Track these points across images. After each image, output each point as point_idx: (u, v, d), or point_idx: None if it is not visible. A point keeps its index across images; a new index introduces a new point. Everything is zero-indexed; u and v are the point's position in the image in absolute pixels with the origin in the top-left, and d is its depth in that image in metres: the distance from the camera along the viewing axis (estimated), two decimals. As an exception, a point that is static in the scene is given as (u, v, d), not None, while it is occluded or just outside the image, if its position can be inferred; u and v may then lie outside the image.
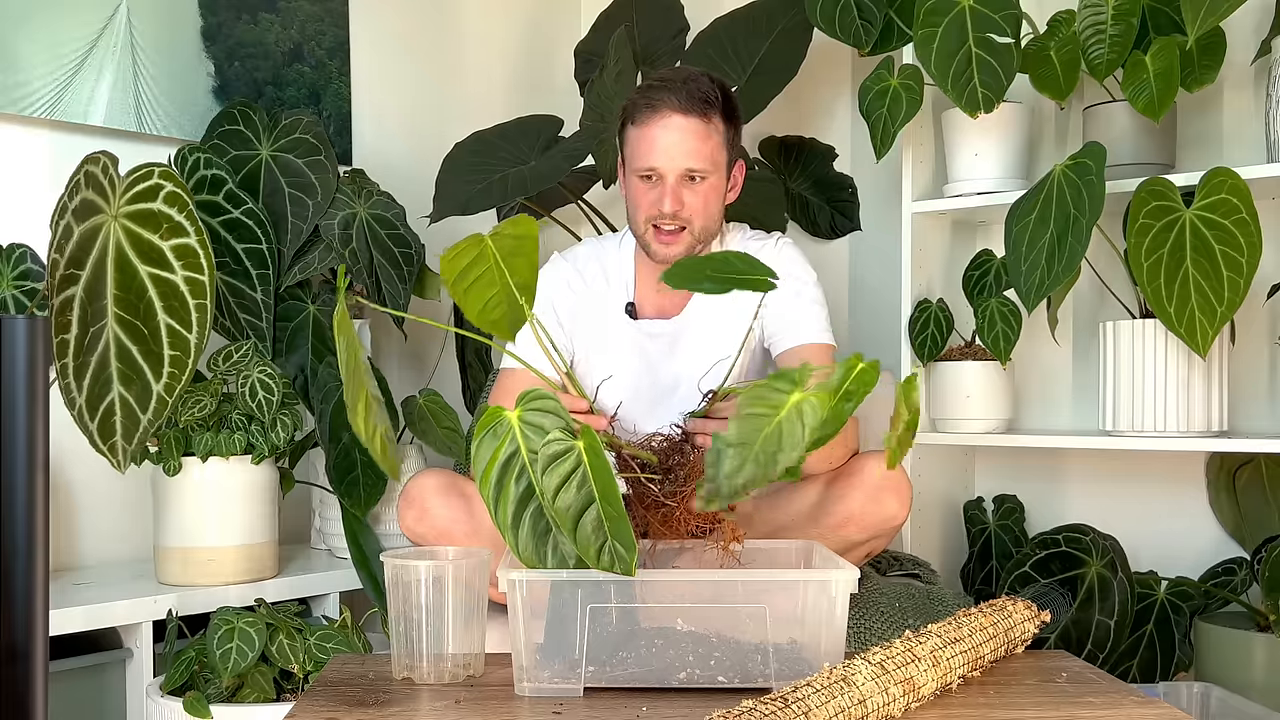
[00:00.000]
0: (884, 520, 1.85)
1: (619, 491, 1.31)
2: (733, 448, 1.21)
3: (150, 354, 1.80)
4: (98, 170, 1.85)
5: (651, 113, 1.86)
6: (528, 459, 1.33)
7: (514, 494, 1.34)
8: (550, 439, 1.31)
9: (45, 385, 0.91)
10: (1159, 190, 2.07)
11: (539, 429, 1.34)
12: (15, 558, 0.89)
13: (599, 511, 1.30)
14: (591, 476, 1.29)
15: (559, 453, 1.30)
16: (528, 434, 1.34)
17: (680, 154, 1.85)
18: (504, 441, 1.34)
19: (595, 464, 1.30)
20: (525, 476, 1.33)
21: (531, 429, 1.34)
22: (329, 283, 2.54)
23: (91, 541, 2.30)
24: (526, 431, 1.34)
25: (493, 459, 1.34)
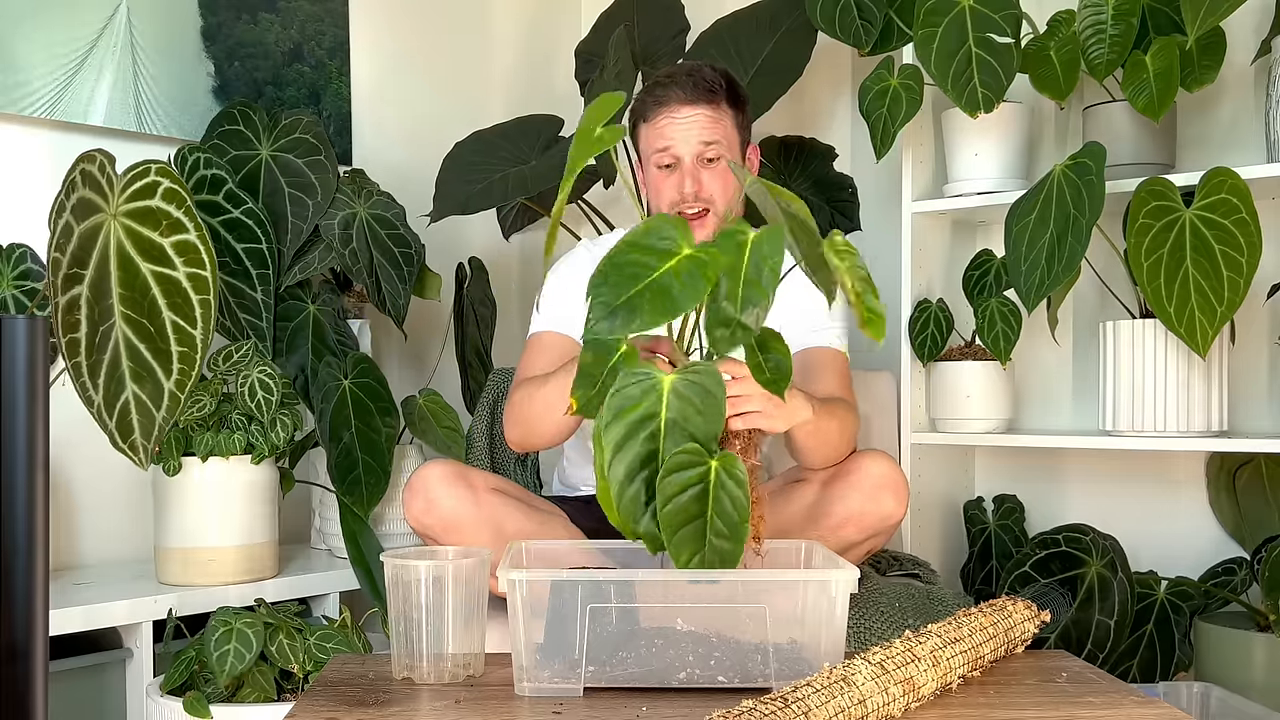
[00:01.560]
0: (882, 519, 1.85)
1: (741, 515, 1.28)
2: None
3: (159, 352, 1.80)
4: (94, 169, 1.85)
5: (660, 107, 1.94)
6: (664, 430, 1.27)
7: (635, 454, 1.28)
8: (682, 450, 1.26)
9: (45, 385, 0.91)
10: (1159, 190, 2.07)
11: (691, 407, 1.27)
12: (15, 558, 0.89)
13: (706, 525, 1.27)
14: (711, 496, 1.27)
15: (685, 464, 1.27)
16: (673, 403, 1.28)
17: (693, 136, 1.90)
18: (643, 403, 1.27)
19: (720, 486, 1.27)
20: (653, 445, 1.27)
21: (680, 404, 1.28)
22: (329, 283, 2.54)
23: (91, 541, 2.30)
24: (673, 401, 1.28)
25: (626, 411, 1.27)
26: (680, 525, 1.26)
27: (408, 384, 2.80)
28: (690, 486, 1.26)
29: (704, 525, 1.27)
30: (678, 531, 1.26)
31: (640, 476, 1.29)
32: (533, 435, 1.91)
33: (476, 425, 2.43)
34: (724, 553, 1.28)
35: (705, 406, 1.28)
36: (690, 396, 1.28)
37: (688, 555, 1.27)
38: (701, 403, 1.28)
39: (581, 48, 2.89)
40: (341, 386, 2.27)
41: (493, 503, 1.86)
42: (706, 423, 1.28)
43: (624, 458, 1.28)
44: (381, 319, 2.65)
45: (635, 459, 1.28)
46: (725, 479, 1.27)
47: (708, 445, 1.28)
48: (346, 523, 2.27)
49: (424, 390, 2.44)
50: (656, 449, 1.28)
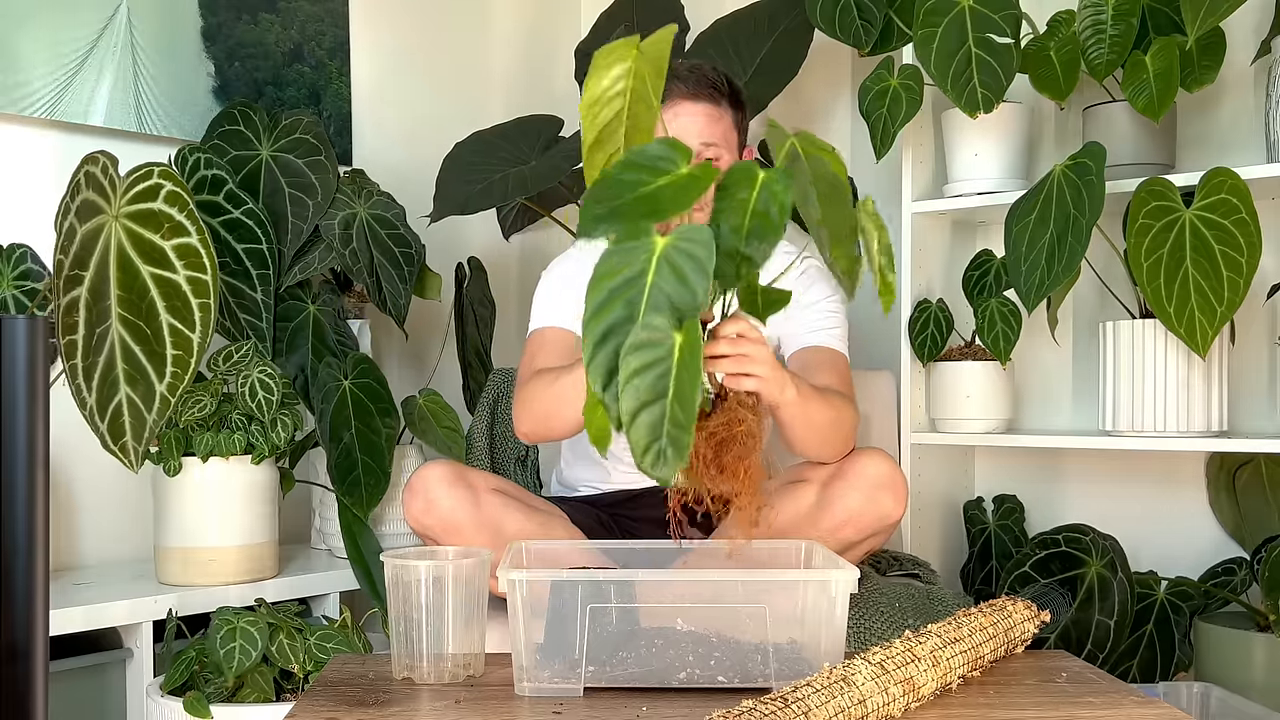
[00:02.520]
0: (881, 519, 1.85)
1: (696, 399, 1.15)
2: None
3: (154, 354, 1.80)
4: (97, 170, 1.85)
5: (662, 103, 1.91)
6: (648, 298, 1.17)
7: (611, 316, 1.18)
8: (645, 324, 1.15)
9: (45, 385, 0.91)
10: (1159, 190, 2.07)
11: (678, 275, 1.17)
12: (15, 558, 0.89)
13: (665, 413, 1.15)
14: (674, 377, 1.14)
15: (647, 341, 1.15)
16: (663, 270, 1.18)
17: (694, 134, 1.90)
18: (631, 264, 1.18)
19: (684, 365, 1.14)
20: (632, 309, 1.17)
21: (671, 270, 1.18)
22: (329, 283, 2.54)
23: (91, 541, 2.30)
24: (664, 268, 1.18)
25: (613, 271, 1.18)
26: (637, 410, 1.15)
27: (408, 384, 2.80)
28: (651, 368, 1.15)
29: (662, 411, 1.15)
30: (635, 419, 1.15)
31: (612, 341, 1.18)
32: (547, 428, 1.90)
33: (476, 425, 2.43)
34: (679, 444, 1.15)
35: (694, 275, 1.17)
36: (680, 264, 1.18)
37: (643, 446, 1.15)
38: (691, 271, 1.17)
39: (581, 48, 2.89)
40: (341, 387, 2.27)
41: (493, 503, 1.86)
42: (692, 293, 1.17)
43: (602, 319, 1.18)
44: (381, 319, 2.65)
45: (613, 321, 1.18)
46: (688, 357, 1.15)
47: (687, 317, 1.17)
48: (346, 523, 2.27)
49: (424, 390, 2.44)
50: (634, 315, 1.17)
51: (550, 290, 2.07)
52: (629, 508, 2.09)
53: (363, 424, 2.27)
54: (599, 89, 1.30)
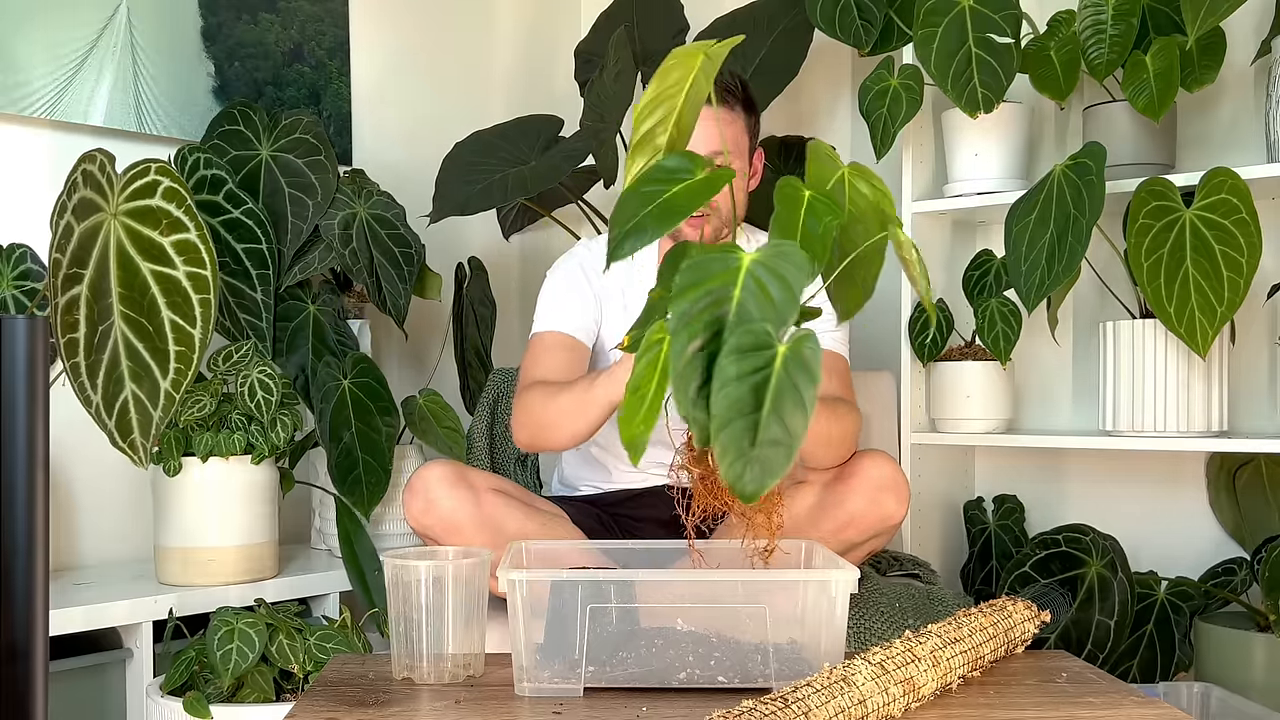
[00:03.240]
0: (883, 520, 1.85)
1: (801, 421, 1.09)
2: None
3: (157, 351, 1.80)
4: (95, 168, 1.85)
5: None
6: (734, 312, 1.12)
7: (695, 329, 1.12)
8: (750, 329, 1.10)
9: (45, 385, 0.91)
10: (1159, 190, 2.07)
11: (763, 290, 1.13)
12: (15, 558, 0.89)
13: (760, 422, 1.08)
14: (772, 387, 1.09)
15: (752, 345, 1.10)
16: (749, 286, 1.14)
17: (703, 139, 1.89)
18: (718, 278, 1.14)
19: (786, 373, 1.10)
20: (718, 322, 1.12)
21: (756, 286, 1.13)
22: (329, 283, 2.54)
23: (91, 541, 2.30)
24: (749, 283, 1.14)
25: (699, 283, 1.14)
26: (729, 420, 1.09)
27: (408, 384, 2.80)
28: (751, 374, 1.10)
29: (756, 422, 1.09)
30: (726, 427, 1.09)
31: (701, 352, 1.13)
32: (543, 440, 1.90)
33: (476, 425, 2.43)
34: (770, 462, 1.09)
35: (780, 292, 1.14)
36: (766, 281, 1.14)
37: (732, 458, 1.09)
38: (776, 288, 1.14)
39: (581, 48, 2.89)
40: (341, 386, 2.27)
41: (493, 503, 1.86)
42: (778, 309, 1.13)
43: (687, 332, 1.13)
44: (381, 319, 2.65)
45: (697, 332, 1.13)
46: (793, 367, 1.10)
47: (775, 332, 1.13)
48: (342, 524, 2.27)
49: (424, 390, 2.44)
50: (721, 328, 1.12)
51: (554, 292, 2.07)
52: (630, 507, 2.09)
53: (363, 423, 2.27)
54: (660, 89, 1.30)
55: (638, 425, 1.21)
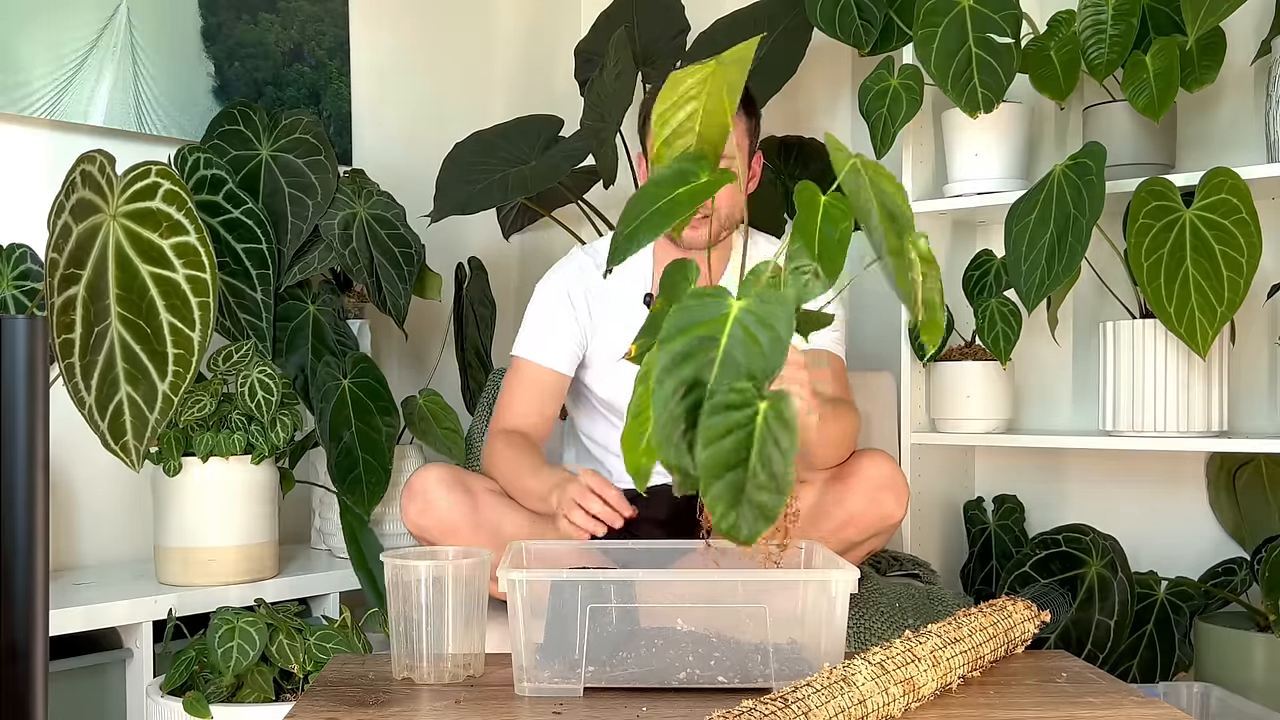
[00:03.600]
0: (882, 519, 1.86)
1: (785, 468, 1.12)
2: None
3: (155, 353, 1.80)
4: (94, 169, 1.85)
5: None
6: (720, 361, 1.14)
7: (681, 377, 1.14)
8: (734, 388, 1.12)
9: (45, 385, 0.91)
10: (1159, 190, 2.07)
11: (753, 341, 1.14)
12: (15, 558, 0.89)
13: (747, 475, 1.12)
14: (755, 442, 1.12)
15: (736, 404, 1.12)
16: (736, 335, 1.15)
17: None
18: (703, 326, 1.15)
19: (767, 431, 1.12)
20: (704, 373, 1.14)
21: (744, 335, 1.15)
22: (329, 283, 2.54)
23: (91, 541, 2.30)
24: (736, 331, 1.15)
25: (684, 332, 1.15)
26: (718, 474, 1.12)
27: (408, 384, 2.80)
28: (734, 430, 1.12)
29: (744, 476, 1.13)
30: (714, 482, 1.12)
31: (685, 401, 1.15)
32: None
33: (476, 425, 2.43)
34: (763, 507, 1.13)
35: (768, 342, 1.16)
36: (753, 329, 1.16)
37: (723, 509, 1.12)
38: (765, 337, 1.16)
39: (581, 47, 2.89)
40: (341, 386, 2.27)
41: (490, 505, 1.86)
42: (766, 358, 1.15)
43: (673, 379, 1.15)
44: (381, 319, 2.65)
45: (683, 381, 1.15)
46: (774, 423, 1.13)
47: (761, 383, 1.15)
48: (347, 523, 2.27)
49: (424, 390, 2.44)
50: (705, 378, 1.15)
51: (539, 316, 2.05)
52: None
53: (363, 423, 2.27)
54: (676, 93, 1.30)
55: (641, 455, 1.21)
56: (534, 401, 2.00)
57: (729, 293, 1.18)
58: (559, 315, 2.03)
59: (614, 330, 2.02)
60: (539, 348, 2.02)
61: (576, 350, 2.03)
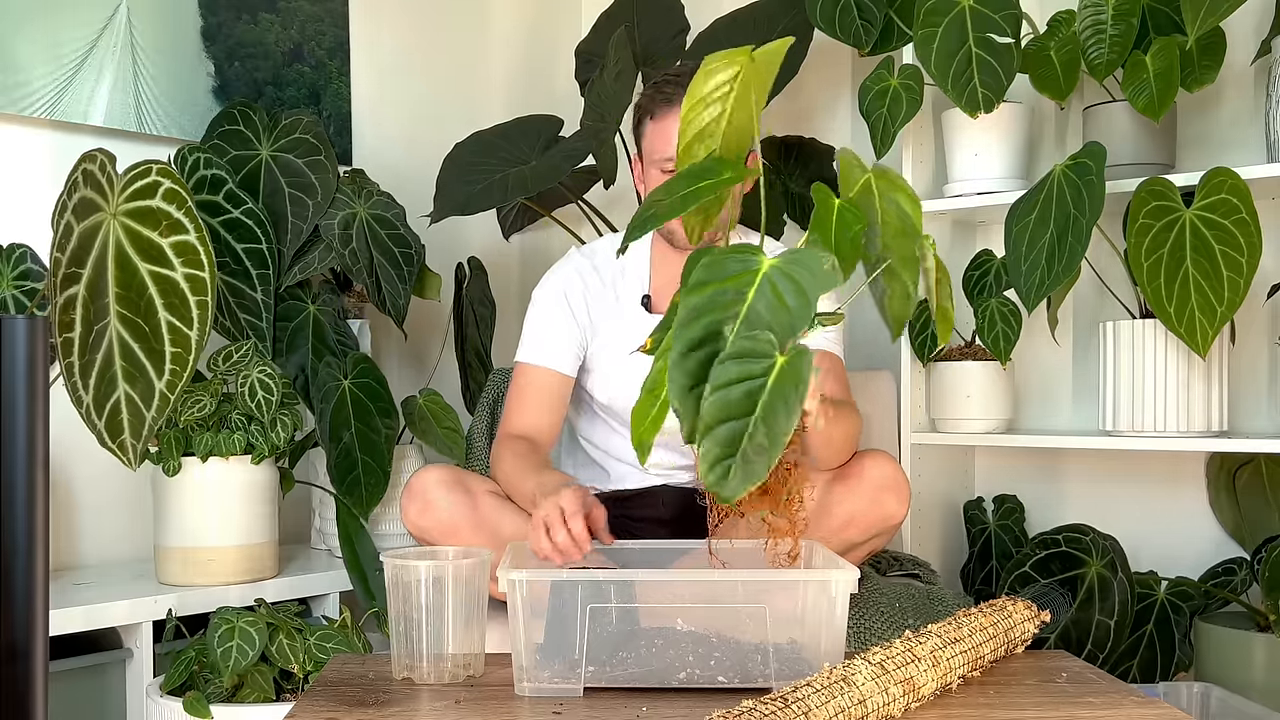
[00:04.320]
0: (884, 519, 1.86)
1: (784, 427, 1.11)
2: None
3: (152, 351, 1.80)
4: (95, 168, 1.85)
5: (669, 106, 1.90)
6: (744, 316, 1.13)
7: (703, 324, 1.14)
8: (753, 336, 1.12)
9: (45, 385, 0.91)
10: (1159, 190, 2.07)
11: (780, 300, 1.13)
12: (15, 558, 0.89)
13: (747, 430, 1.10)
14: (766, 395, 1.10)
15: (753, 352, 1.11)
16: (764, 290, 1.15)
17: (668, 143, 1.87)
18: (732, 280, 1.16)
19: (780, 387, 1.11)
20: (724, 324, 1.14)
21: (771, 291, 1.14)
22: (329, 283, 2.54)
23: (91, 541, 2.30)
24: (765, 287, 1.14)
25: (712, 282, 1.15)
26: (718, 421, 1.11)
27: (408, 384, 2.80)
28: (746, 380, 1.11)
29: (743, 429, 1.11)
30: (713, 429, 1.11)
31: (700, 351, 1.14)
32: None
33: (476, 425, 2.43)
34: (754, 466, 1.11)
35: (795, 302, 1.14)
36: (782, 288, 1.15)
37: (715, 457, 1.11)
38: (792, 297, 1.14)
39: (581, 47, 2.89)
40: (341, 387, 2.27)
41: (490, 505, 1.86)
42: (792, 318, 1.14)
43: (694, 328, 1.14)
44: (381, 319, 2.65)
45: (705, 328, 1.14)
46: (788, 380, 1.11)
47: (782, 341, 1.14)
48: (343, 525, 2.27)
49: (424, 390, 2.44)
50: (725, 330, 1.14)
51: (537, 321, 2.04)
52: (628, 508, 2.09)
53: (362, 424, 2.27)
54: (704, 90, 1.31)
55: (646, 426, 1.22)
56: (539, 405, 2.00)
57: (760, 249, 1.17)
58: (558, 317, 2.02)
59: (613, 332, 2.02)
60: (540, 351, 2.02)
61: (577, 351, 2.03)
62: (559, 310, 2.02)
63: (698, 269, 1.18)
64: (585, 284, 2.03)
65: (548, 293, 2.05)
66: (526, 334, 2.05)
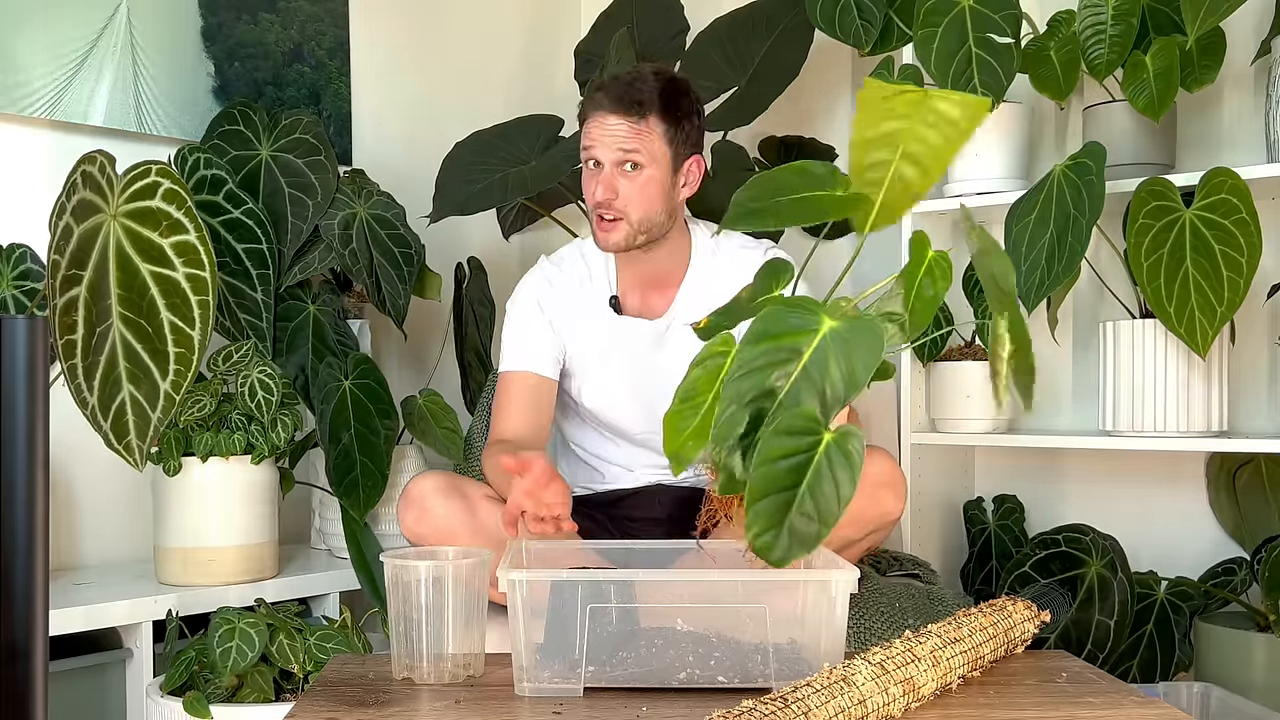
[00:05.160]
0: (882, 516, 1.86)
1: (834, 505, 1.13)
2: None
3: (156, 352, 1.80)
4: (95, 170, 1.85)
5: (592, 109, 1.95)
6: (796, 376, 1.12)
7: (755, 381, 1.13)
8: (800, 413, 1.11)
9: (45, 385, 0.91)
10: (1159, 190, 2.07)
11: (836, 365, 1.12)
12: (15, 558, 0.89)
13: (795, 500, 1.11)
14: (811, 471, 1.11)
15: (800, 429, 1.11)
16: (819, 354, 1.13)
17: (611, 142, 1.90)
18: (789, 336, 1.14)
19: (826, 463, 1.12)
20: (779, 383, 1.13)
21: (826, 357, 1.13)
22: (329, 283, 2.54)
23: (92, 541, 2.30)
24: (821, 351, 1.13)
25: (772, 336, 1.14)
26: (765, 494, 1.11)
27: (408, 384, 2.80)
28: (792, 455, 1.11)
29: (791, 499, 1.12)
30: (759, 500, 1.12)
31: (751, 405, 1.13)
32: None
33: (476, 425, 2.43)
34: (803, 536, 1.12)
35: (847, 369, 1.14)
36: (839, 355, 1.14)
37: (761, 528, 1.12)
38: (845, 364, 1.14)
39: (581, 48, 2.89)
40: (342, 387, 2.27)
41: (488, 510, 1.86)
42: (843, 386, 1.14)
43: (745, 382, 1.13)
44: (381, 319, 2.65)
45: (756, 386, 1.13)
46: (836, 455, 1.12)
47: (831, 408, 1.14)
48: (348, 524, 2.27)
49: (424, 390, 2.44)
50: (778, 388, 1.14)
51: (514, 329, 2.04)
52: (625, 507, 2.09)
53: (362, 425, 2.27)
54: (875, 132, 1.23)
55: (686, 439, 1.20)
56: (524, 408, 1.99)
57: (823, 307, 1.15)
58: (534, 323, 2.02)
59: (587, 335, 2.01)
60: (520, 357, 2.01)
61: (556, 355, 2.02)
62: (533, 317, 2.02)
63: (757, 320, 1.16)
64: (555, 290, 2.04)
65: (521, 302, 2.05)
66: (505, 344, 2.05)
